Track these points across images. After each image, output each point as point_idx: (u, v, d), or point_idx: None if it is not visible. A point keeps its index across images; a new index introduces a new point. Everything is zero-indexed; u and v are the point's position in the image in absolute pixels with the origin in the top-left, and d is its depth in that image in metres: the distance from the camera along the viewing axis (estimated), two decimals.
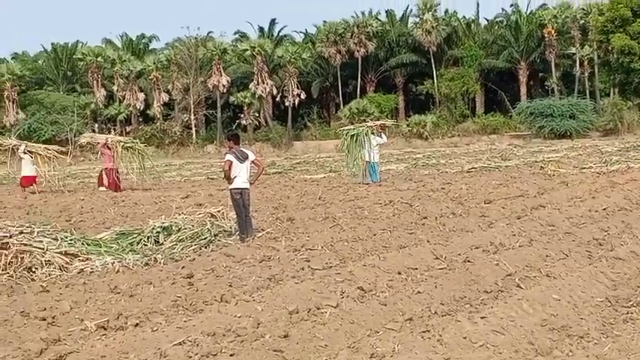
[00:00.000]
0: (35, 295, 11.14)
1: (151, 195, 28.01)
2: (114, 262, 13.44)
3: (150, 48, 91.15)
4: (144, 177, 33.85)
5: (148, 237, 15.54)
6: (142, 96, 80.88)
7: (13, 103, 79.75)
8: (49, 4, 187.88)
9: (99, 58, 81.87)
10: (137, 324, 9.21)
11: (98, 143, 34.31)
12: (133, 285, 11.44)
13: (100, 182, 32.90)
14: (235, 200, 16.26)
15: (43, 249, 13.29)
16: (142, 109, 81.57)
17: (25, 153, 32.75)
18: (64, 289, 11.57)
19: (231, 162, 16.21)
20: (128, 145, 33.75)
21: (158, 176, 36.25)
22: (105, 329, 9.07)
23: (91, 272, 12.99)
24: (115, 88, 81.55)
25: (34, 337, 8.65)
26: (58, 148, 35.44)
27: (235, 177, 16.20)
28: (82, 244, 14.37)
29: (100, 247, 14.53)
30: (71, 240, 14.27)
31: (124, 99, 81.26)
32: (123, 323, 9.23)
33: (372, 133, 29.42)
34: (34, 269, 12.89)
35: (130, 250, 14.59)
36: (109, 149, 32.56)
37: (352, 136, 29.69)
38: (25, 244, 13.25)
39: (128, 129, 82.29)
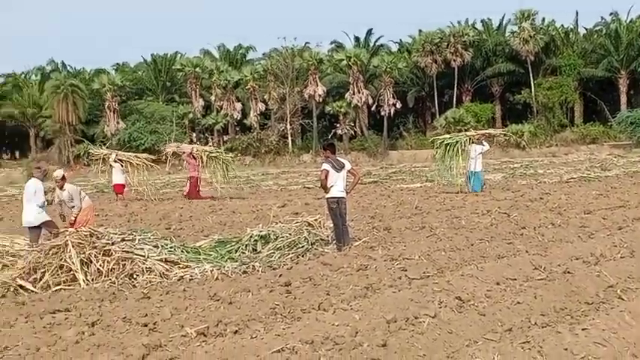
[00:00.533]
0: (137, 302, 11.34)
1: (248, 204, 28.27)
2: (213, 270, 13.59)
3: (247, 58, 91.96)
4: (229, 185, 34.38)
5: (246, 245, 15.71)
6: (239, 106, 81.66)
7: (113, 112, 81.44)
8: (150, 16, 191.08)
9: (197, 69, 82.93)
10: (236, 331, 9.29)
11: (184, 152, 34.93)
12: (231, 292, 11.55)
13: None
14: (332, 209, 16.23)
15: (144, 256, 13.53)
16: (238, 118, 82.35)
17: (115, 162, 33.50)
18: (165, 295, 11.77)
19: (328, 171, 16.16)
20: (213, 154, 34.41)
21: (249, 186, 36.61)
22: (205, 336, 9.18)
23: (190, 279, 13.19)
24: (212, 98, 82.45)
25: (136, 343, 8.79)
26: (147, 156, 36.24)
27: (332, 186, 16.16)
28: (182, 251, 14.59)
29: (200, 254, 14.72)
30: (171, 247, 14.50)
31: (221, 109, 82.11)
32: (222, 330, 9.33)
33: (473, 142, 29.23)
34: (135, 276, 13.16)
35: (229, 258, 14.76)
36: (194, 159, 33.17)
37: (447, 145, 29.54)
38: (127, 252, 13.52)
39: (225, 138, 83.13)
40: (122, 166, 33.81)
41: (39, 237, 15.89)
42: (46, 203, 16.66)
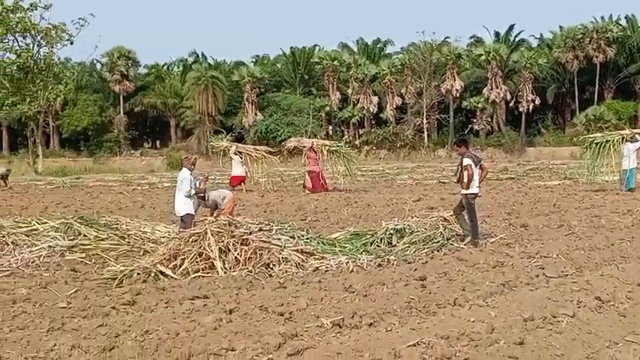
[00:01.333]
0: (273, 291, 11.48)
1: (383, 197, 28.24)
2: (348, 262, 13.65)
3: (385, 52, 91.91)
4: (363, 179, 34.75)
5: (381, 238, 15.71)
6: (375, 99, 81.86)
7: (252, 104, 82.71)
8: (289, 9, 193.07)
9: (335, 62, 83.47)
10: (371, 323, 9.30)
11: (304, 147, 35.18)
12: (366, 285, 11.58)
13: (305, 185, 33.83)
14: (471, 204, 16.07)
15: (280, 246, 13.67)
16: (375, 112, 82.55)
17: (235, 154, 34.11)
18: (300, 286, 11.89)
19: (472, 166, 16.04)
20: (333, 148, 34.89)
21: (384, 180, 36.73)
22: (340, 327, 9.21)
23: (325, 271, 13.25)
24: (349, 91, 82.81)
25: (273, 332, 8.89)
26: (266, 149, 37.10)
27: (471, 181, 16.02)
28: (318, 243, 14.70)
29: (335, 246, 14.81)
30: (307, 239, 14.63)
31: (357, 102, 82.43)
32: (357, 322, 9.34)
33: (627, 141, 28.51)
34: (271, 265, 13.28)
35: (364, 251, 14.78)
36: (315, 152, 33.52)
37: (597, 144, 28.88)
38: (264, 241, 13.67)
39: (361, 132, 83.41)
40: (241, 158, 34.38)
41: (190, 225, 16.19)
42: (192, 192, 16.98)
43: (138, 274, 12.96)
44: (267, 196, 30.20)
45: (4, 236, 15.93)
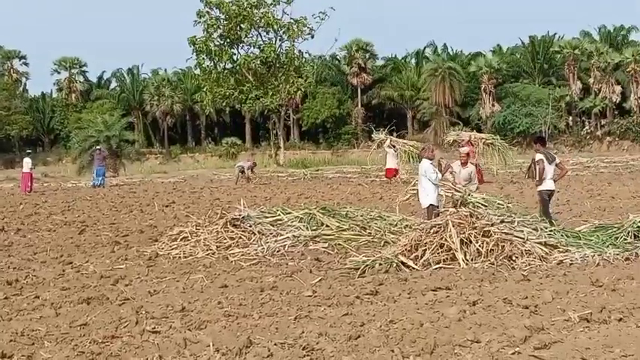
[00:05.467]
0: (516, 284, 11.32)
1: (628, 189, 27.38)
2: (594, 255, 13.29)
3: (628, 39, 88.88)
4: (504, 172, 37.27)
5: (628, 232, 15.14)
6: (618, 89, 79.51)
7: (489, 95, 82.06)
8: None
9: (575, 51, 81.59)
10: (621, 319, 8.97)
11: (463, 140, 35.82)
12: (614, 279, 11.23)
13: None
14: (545, 200, 16.98)
15: (523, 238, 13.47)
16: (618, 102, 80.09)
17: (389, 147, 34.78)
18: (545, 279, 11.69)
19: (543, 161, 16.80)
20: (489, 141, 36.33)
21: (629, 171, 36.33)
22: (587, 321, 8.93)
23: (570, 264, 12.95)
24: (590, 80, 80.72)
25: (518, 324, 8.74)
26: (415, 143, 38.38)
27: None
28: (561, 235, 14.38)
29: (579, 239, 14.41)
30: (550, 231, 14.34)
31: (599, 92, 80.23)
32: (606, 317, 9.04)
33: None
34: (514, 258, 13.09)
35: (610, 244, 14.29)
36: (472, 145, 34.03)
37: None
38: (507, 233, 13.51)
39: (603, 122, 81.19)
40: (395, 151, 35.13)
41: (432, 216, 16.18)
42: (438, 178, 16.84)
43: (380, 264, 13.04)
44: (506, 188, 29.87)
45: (251, 226, 16.44)
